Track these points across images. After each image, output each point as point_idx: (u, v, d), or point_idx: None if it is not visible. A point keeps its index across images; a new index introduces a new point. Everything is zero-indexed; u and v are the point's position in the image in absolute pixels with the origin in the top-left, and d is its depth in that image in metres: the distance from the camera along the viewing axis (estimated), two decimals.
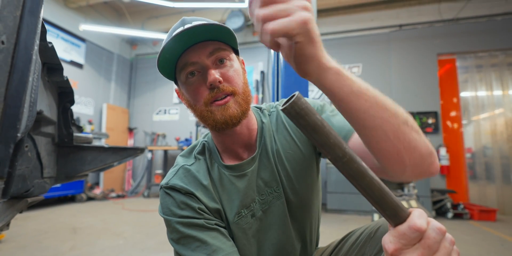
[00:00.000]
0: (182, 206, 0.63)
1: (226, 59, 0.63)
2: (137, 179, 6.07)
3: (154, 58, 6.83)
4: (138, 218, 3.52)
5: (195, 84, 0.62)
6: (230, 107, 0.61)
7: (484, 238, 2.81)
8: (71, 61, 5.36)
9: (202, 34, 0.60)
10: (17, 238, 2.51)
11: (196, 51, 0.61)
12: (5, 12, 0.27)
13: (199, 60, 0.61)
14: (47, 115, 0.73)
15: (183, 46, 0.61)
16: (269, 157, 0.70)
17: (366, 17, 5.40)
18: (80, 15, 5.57)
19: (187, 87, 0.64)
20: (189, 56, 0.61)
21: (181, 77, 0.64)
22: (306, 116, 0.32)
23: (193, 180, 0.67)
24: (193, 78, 0.62)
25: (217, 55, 0.62)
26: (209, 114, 0.62)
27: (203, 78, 0.61)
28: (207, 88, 0.61)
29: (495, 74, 4.74)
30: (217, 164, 0.70)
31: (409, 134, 0.44)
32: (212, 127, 0.64)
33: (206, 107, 0.62)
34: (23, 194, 0.73)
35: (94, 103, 5.90)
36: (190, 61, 0.61)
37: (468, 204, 4.18)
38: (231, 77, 0.62)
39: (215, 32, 0.60)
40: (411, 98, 4.92)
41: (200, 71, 0.62)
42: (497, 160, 4.49)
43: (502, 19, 4.67)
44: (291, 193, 0.70)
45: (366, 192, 0.34)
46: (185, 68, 0.62)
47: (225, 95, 0.61)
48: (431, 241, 0.30)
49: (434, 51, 4.92)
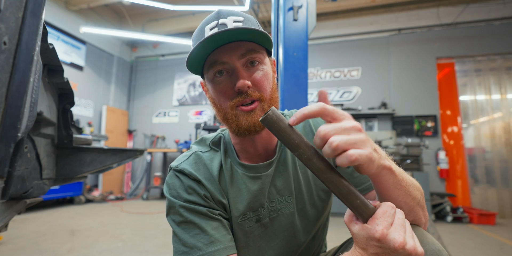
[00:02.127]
0: (190, 190, 0.63)
1: (258, 61, 0.61)
2: (136, 181, 6.05)
3: (155, 61, 6.86)
4: (137, 221, 3.50)
5: (222, 84, 0.60)
6: (255, 114, 0.59)
7: (483, 242, 2.80)
8: (71, 63, 5.38)
9: (236, 35, 0.57)
10: (15, 240, 2.50)
11: (228, 51, 0.59)
12: (7, 13, 0.27)
13: (229, 61, 0.59)
14: (47, 116, 0.73)
15: (215, 44, 0.58)
16: (287, 165, 0.68)
17: (365, 21, 5.44)
18: (81, 17, 5.59)
19: (213, 86, 0.62)
20: (220, 55, 0.59)
21: (209, 74, 0.61)
22: (280, 122, 0.42)
23: (203, 168, 0.66)
24: (221, 78, 0.60)
25: (249, 57, 0.60)
26: (233, 117, 0.60)
27: (231, 80, 0.59)
28: (235, 91, 0.59)
29: (494, 78, 4.77)
30: (231, 160, 0.68)
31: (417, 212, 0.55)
32: (233, 131, 0.62)
33: (232, 110, 0.60)
34: (22, 195, 0.72)
35: (94, 105, 5.90)
36: (220, 60, 0.59)
37: (468, 207, 4.17)
38: (260, 82, 0.60)
39: (251, 35, 0.58)
40: (410, 101, 4.93)
41: (229, 72, 0.60)
42: (496, 164, 4.50)
43: (501, 24, 4.71)
44: (304, 205, 0.69)
45: (333, 186, 0.42)
46: (214, 67, 0.60)
47: (251, 101, 0.59)
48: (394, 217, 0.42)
49: (433, 55, 4.95)
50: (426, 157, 4.59)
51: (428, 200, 3.83)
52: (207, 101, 6.25)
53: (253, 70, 0.60)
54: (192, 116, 6.30)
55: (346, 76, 5.38)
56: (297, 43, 1.65)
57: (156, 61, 6.82)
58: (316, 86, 5.46)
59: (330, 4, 4.97)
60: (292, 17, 1.67)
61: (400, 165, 3.21)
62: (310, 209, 0.70)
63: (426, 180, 3.91)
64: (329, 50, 5.55)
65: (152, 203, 5.03)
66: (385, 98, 5.02)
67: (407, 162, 4.17)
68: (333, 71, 5.46)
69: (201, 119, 6.18)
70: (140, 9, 6.05)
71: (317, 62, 5.53)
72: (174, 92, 6.53)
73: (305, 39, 1.67)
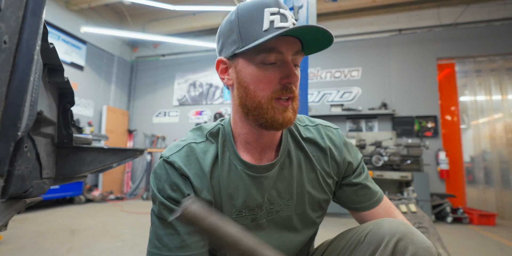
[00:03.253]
0: (174, 187, 0.60)
1: (298, 65, 0.61)
2: (136, 181, 6.05)
3: (155, 61, 6.86)
4: (137, 220, 3.50)
5: (269, 71, 0.58)
6: (289, 111, 0.60)
7: (483, 243, 2.80)
8: (72, 63, 5.38)
9: (309, 33, 0.56)
10: (15, 239, 2.50)
11: (288, 44, 0.57)
12: (8, 13, 0.27)
13: (285, 53, 0.57)
14: (47, 115, 0.73)
15: (284, 33, 0.54)
16: (292, 168, 0.68)
17: (366, 22, 5.44)
18: (82, 17, 5.60)
19: (258, 71, 0.58)
20: (281, 45, 0.57)
21: (257, 58, 0.57)
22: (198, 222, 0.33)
23: (195, 162, 0.63)
24: (270, 66, 0.58)
25: (297, 57, 0.60)
26: (269, 108, 0.58)
27: (279, 71, 0.58)
28: (278, 83, 0.58)
29: (494, 78, 4.76)
30: (230, 154, 0.65)
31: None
32: (262, 122, 0.59)
33: (270, 101, 0.58)
34: (21, 194, 0.73)
35: (94, 105, 5.91)
36: (278, 49, 0.56)
37: (468, 208, 4.17)
38: (297, 82, 0.61)
39: (314, 36, 0.57)
40: (411, 102, 4.93)
41: (277, 63, 0.58)
42: (496, 165, 4.49)
43: (501, 24, 4.70)
44: (304, 210, 0.69)
45: None
46: (270, 53, 0.56)
47: (288, 97, 0.59)
48: None
49: (433, 56, 4.95)
50: (426, 158, 4.58)
51: (428, 200, 3.83)
52: (207, 101, 6.26)
53: (296, 70, 0.60)
54: (192, 116, 6.30)
55: (347, 77, 5.38)
56: None
57: (157, 61, 6.83)
58: (317, 86, 5.46)
59: (330, 4, 4.97)
60: None
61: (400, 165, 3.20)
62: (310, 213, 0.70)
63: (426, 180, 3.91)
64: (330, 51, 5.54)
65: (152, 203, 5.03)
66: (385, 99, 5.02)
67: (407, 162, 4.16)
68: (334, 71, 5.46)
69: (201, 119, 6.19)
70: (141, 9, 6.05)
71: (317, 62, 5.53)
72: (175, 92, 6.53)
73: None
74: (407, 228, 0.54)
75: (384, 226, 0.56)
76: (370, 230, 0.59)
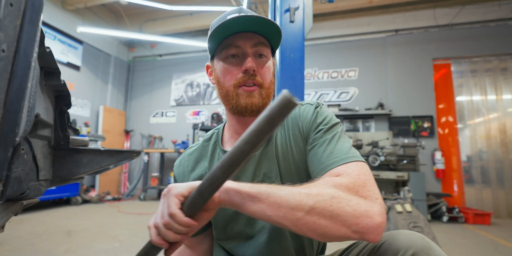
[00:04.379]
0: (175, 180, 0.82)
1: (264, 55, 0.70)
2: (133, 182, 6.04)
3: (152, 61, 6.84)
4: (134, 221, 3.50)
5: (231, 64, 0.69)
6: (254, 96, 0.68)
7: (478, 242, 2.83)
8: (68, 63, 5.36)
9: (255, 25, 0.66)
10: (11, 241, 2.49)
11: (244, 38, 0.67)
12: (6, 22, 0.28)
13: (243, 46, 0.67)
14: (44, 118, 0.74)
15: (235, 29, 0.66)
16: (273, 148, 0.72)
17: (362, 22, 5.47)
18: (78, 17, 5.57)
19: (223, 65, 0.70)
20: (236, 40, 0.67)
21: (222, 54, 0.70)
22: None
23: (181, 168, 0.81)
24: (232, 59, 0.69)
25: (258, 48, 0.69)
26: (234, 95, 0.68)
27: (240, 63, 0.68)
28: (241, 72, 0.67)
29: (489, 79, 4.81)
30: (219, 150, 0.77)
31: (313, 224, 0.46)
32: (231, 108, 0.70)
33: (234, 88, 0.68)
34: (18, 196, 0.73)
35: (91, 105, 5.88)
36: (235, 44, 0.67)
37: (463, 207, 4.21)
38: (263, 71, 0.69)
39: (267, 28, 0.67)
40: (407, 102, 4.97)
41: (239, 56, 0.68)
42: (492, 164, 4.54)
43: (496, 25, 4.75)
44: (292, 183, 0.69)
45: None
46: (229, 48, 0.68)
47: (253, 84, 0.68)
48: None
49: (429, 56, 4.99)
50: (423, 158, 4.62)
51: (424, 200, 3.86)
52: (205, 101, 6.26)
53: (260, 61, 0.70)
54: (190, 116, 6.29)
55: (344, 77, 5.40)
56: (293, 45, 1.66)
57: (154, 61, 6.81)
58: (314, 86, 5.48)
59: (327, 5, 4.98)
60: (288, 18, 1.69)
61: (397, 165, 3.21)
62: None
63: (422, 180, 3.94)
64: (327, 51, 5.57)
65: (149, 204, 5.03)
66: (382, 99, 5.05)
67: (403, 162, 4.19)
68: (331, 71, 5.48)
69: (198, 120, 6.18)
70: (138, 9, 6.04)
71: (314, 62, 5.55)
72: (172, 92, 6.52)
73: (302, 40, 1.68)
74: (425, 243, 0.51)
75: (399, 239, 0.53)
76: (385, 240, 0.56)
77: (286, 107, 0.37)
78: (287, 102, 0.36)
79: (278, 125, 0.39)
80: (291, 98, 0.36)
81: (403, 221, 1.83)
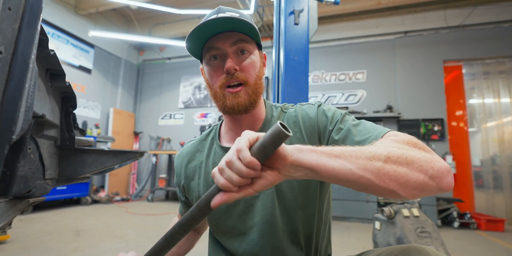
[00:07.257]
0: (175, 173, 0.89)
1: (247, 50, 0.71)
2: (141, 183, 6.12)
3: (161, 64, 6.95)
4: (141, 222, 3.54)
5: (215, 66, 0.71)
6: (240, 96, 0.69)
7: (490, 249, 2.74)
8: (80, 66, 5.49)
9: (231, 24, 0.67)
10: (22, 239, 2.55)
11: (222, 39, 0.69)
12: (4, 25, 0.30)
13: (222, 47, 0.69)
14: (50, 119, 0.76)
15: (213, 31, 0.68)
16: None
17: (371, 24, 5.42)
18: (90, 21, 5.72)
19: (208, 68, 0.72)
20: (215, 42, 0.69)
21: (205, 57, 0.72)
22: None
23: (180, 162, 0.86)
24: (214, 61, 0.71)
25: (239, 45, 0.69)
26: (221, 97, 0.70)
27: (222, 64, 0.70)
28: (224, 72, 0.69)
29: (503, 81, 4.68)
30: (216, 145, 0.80)
31: (394, 173, 0.45)
32: (220, 108, 0.72)
33: (221, 90, 0.70)
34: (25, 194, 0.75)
35: (101, 107, 6.01)
36: (215, 46, 0.69)
37: (475, 213, 4.09)
38: (246, 67, 0.70)
39: (242, 25, 0.68)
40: (417, 104, 4.88)
41: (221, 57, 0.70)
42: (505, 169, 4.40)
43: (510, 26, 4.64)
44: (284, 187, 0.70)
45: None
46: (210, 51, 0.70)
47: (237, 83, 0.69)
48: None
49: (440, 58, 4.90)
50: None
51: (434, 205, 3.77)
52: (212, 103, 6.30)
53: (242, 57, 0.70)
54: (197, 118, 6.35)
55: (351, 79, 5.36)
56: (298, 47, 1.66)
57: (163, 64, 6.92)
58: (321, 89, 5.46)
59: (334, 7, 4.97)
60: (293, 21, 1.69)
61: None
62: (286, 192, 0.70)
63: None
64: (334, 53, 5.54)
65: (156, 205, 5.08)
66: (390, 101, 4.98)
67: None
68: (338, 74, 5.44)
69: (206, 122, 6.23)
70: (147, 13, 6.16)
71: (322, 65, 5.52)
72: (180, 95, 6.60)
73: (306, 43, 1.68)
74: None
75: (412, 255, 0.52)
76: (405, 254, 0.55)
77: (278, 137, 0.40)
78: (279, 133, 0.40)
79: (270, 154, 0.42)
80: (283, 129, 0.39)
81: (410, 226, 1.79)
